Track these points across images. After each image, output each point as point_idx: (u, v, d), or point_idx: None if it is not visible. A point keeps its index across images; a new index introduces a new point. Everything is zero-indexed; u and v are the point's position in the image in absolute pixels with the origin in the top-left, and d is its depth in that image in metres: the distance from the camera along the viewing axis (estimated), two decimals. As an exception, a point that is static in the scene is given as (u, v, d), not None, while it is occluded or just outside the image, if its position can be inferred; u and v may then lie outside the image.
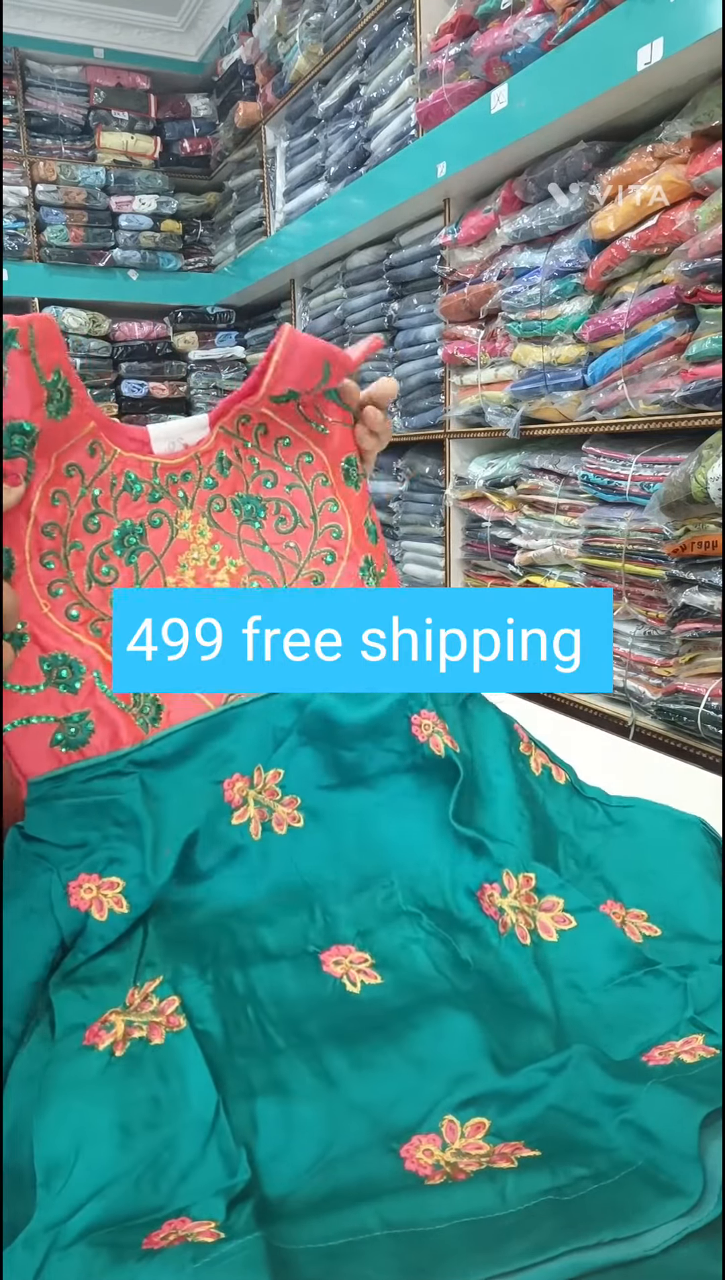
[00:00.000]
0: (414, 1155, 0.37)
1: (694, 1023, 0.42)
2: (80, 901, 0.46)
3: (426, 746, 0.53)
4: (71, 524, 0.51)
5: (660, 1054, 0.40)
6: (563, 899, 0.48)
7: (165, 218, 3.79)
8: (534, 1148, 0.36)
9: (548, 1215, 0.32)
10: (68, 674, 0.49)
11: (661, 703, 1.61)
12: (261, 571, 0.56)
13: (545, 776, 0.57)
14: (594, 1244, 0.31)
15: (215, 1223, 0.33)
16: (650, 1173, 0.33)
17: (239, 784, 0.52)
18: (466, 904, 0.50)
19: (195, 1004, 0.43)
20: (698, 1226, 0.31)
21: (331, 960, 0.48)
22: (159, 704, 0.52)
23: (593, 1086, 0.38)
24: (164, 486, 0.54)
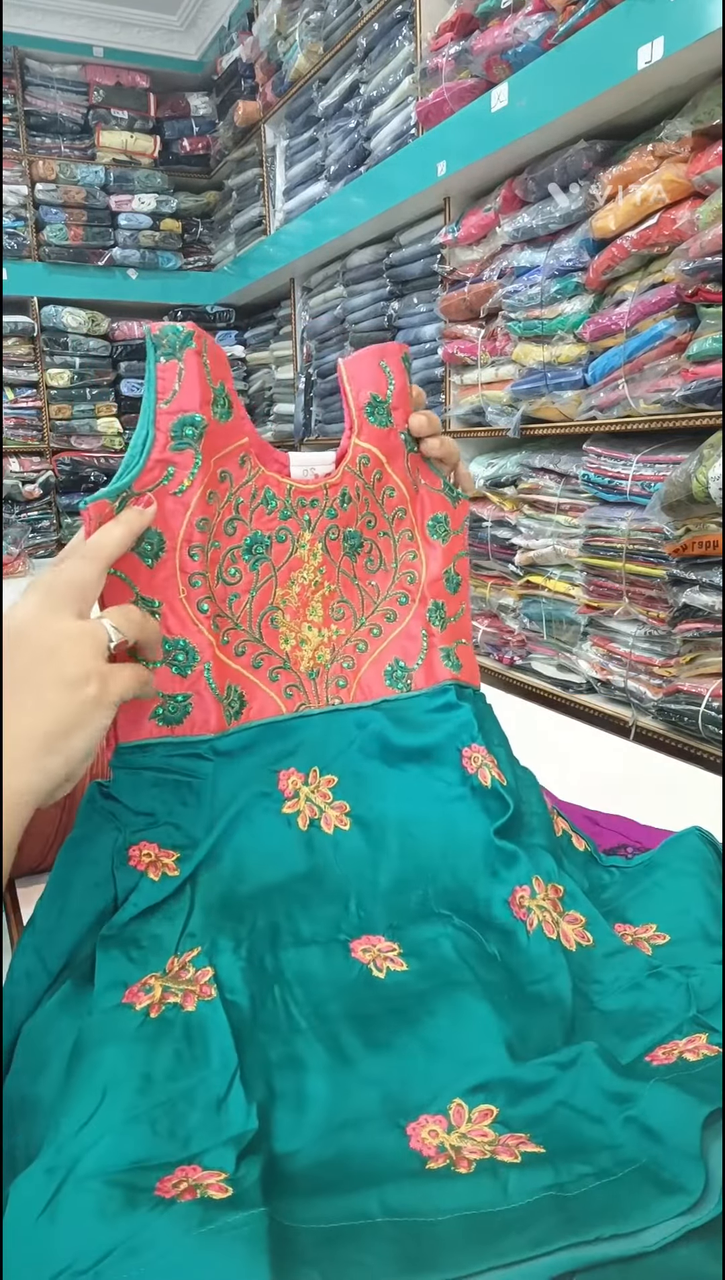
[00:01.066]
0: (419, 1135, 0.38)
1: (697, 1022, 0.43)
2: (138, 863, 0.50)
3: (475, 778, 0.57)
4: (216, 524, 0.55)
5: (664, 1053, 0.41)
6: (585, 916, 0.51)
7: (165, 217, 3.79)
8: (539, 1143, 0.37)
9: (548, 1210, 0.33)
10: (183, 659, 0.54)
11: (662, 703, 1.61)
12: (347, 601, 0.62)
13: (565, 840, 0.60)
14: (593, 1239, 0.31)
15: (224, 1174, 0.34)
16: (652, 1170, 0.34)
17: (294, 777, 0.56)
18: (499, 909, 0.52)
19: (227, 976, 0.45)
20: (698, 1224, 0.31)
21: (360, 948, 0.50)
22: (244, 699, 0.57)
23: (600, 1083, 0.38)
24: (293, 507, 0.59)
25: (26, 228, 3.56)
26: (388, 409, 0.60)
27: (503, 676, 2.16)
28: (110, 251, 3.69)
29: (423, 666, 0.62)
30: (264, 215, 3.42)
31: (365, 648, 0.62)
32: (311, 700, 0.59)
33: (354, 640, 0.62)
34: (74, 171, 3.58)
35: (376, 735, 0.59)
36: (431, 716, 0.60)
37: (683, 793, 0.75)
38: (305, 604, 0.60)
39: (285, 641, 0.59)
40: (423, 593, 0.63)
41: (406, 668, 0.62)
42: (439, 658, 0.62)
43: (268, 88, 3.17)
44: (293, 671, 0.59)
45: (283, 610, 0.59)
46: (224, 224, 3.86)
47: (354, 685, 0.61)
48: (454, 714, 0.59)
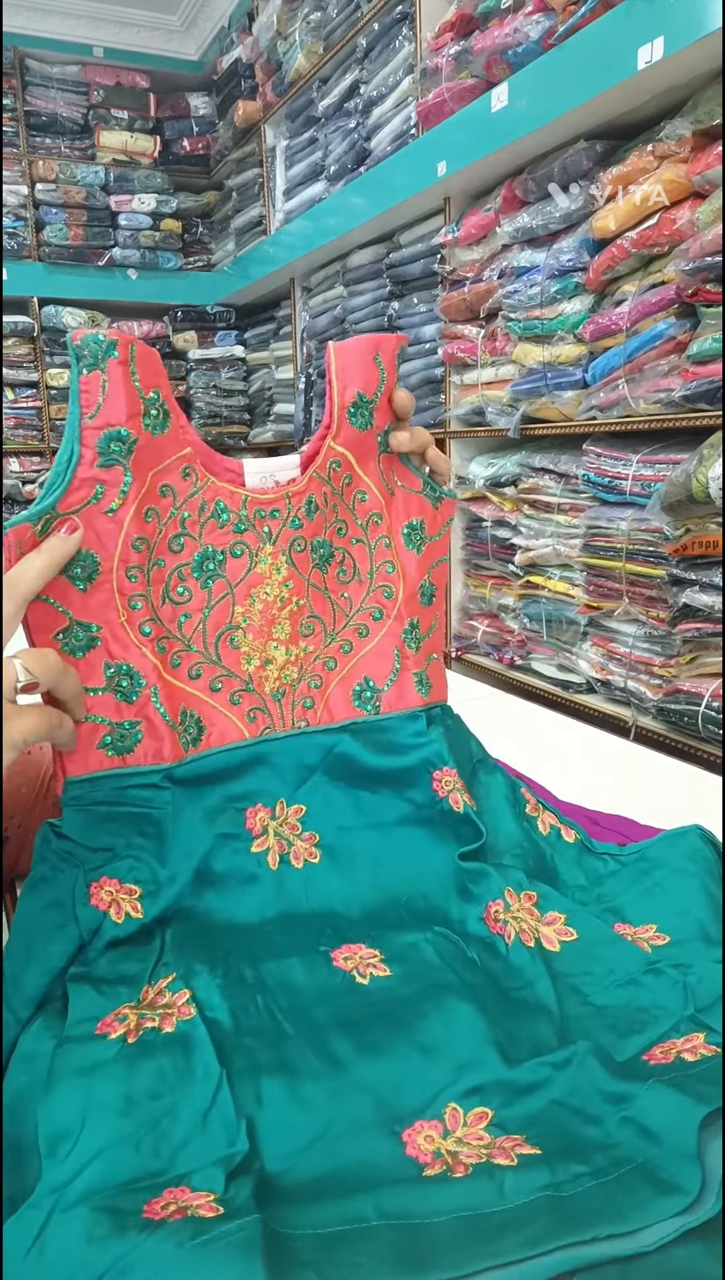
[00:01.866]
0: (415, 1140, 0.38)
1: (695, 1020, 0.42)
2: (100, 901, 0.48)
3: (445, 801, 0.56)
4: (158, 542, 0.52)
5: (662, 1052, 0.41)
6: (564, 914, 0.50)
7: (165, 217, 3.79)
8: (535, 1144, 0.36)
9: (545, 1210, 0.33)
10: (127, 684, 0.51)
11: (662, 703, 1.61)
12: (317, 615, 0.59)
13: (554, 835, 0.59)
14: (590, 1239, 0.31)
15: (214, 1195, 0.34)
16: (649, 1170, 0.34)
17: (261, 814, 0.55)
18: (475, 927, 0.51)
19: (205, 995, 0.44)
20: (695, 1224, 0.31)
21: (341, 956, 0.49)
22: (201, 725, 0.54)
23: (595, 1083, 0.38)
24: (250, 519, 0.56)
25: (26, 228, 3.56)
26: (371, 410, 0.56)
27: (503, 676, 2.16)
28: (110, 251, 3.69)
29: (393, 688, 0.59)
30: (264, 215, 3.42)
31: (334, 665, 0.59)
32: (276, 723, 0.56)
33: (323, 657, 0.59)
34: (74, 171, 3.58)
35: (343, 757, 0.57)
36: (403, 741, 0.58)
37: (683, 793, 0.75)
38: (271, 622, 0.56)
39: (247, 662, 0.56)
40: (399, 610, 0.59)
41: (376, 688, 0.59)
42: (412, 682, 0.59)
43: (268, 88, 3.17)
44: (256, 694, 0.56)
45: (244, 630, 0.55)
46: (224, 224, 3.86)
47: (321, 705, 0.58)
48: (425, 740, 0.57)
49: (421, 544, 0.60)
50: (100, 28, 3.63)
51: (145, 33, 3.75)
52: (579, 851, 0.59)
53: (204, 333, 3.92)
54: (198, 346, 3.89)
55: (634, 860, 0.57)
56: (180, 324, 3.86)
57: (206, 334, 3.92)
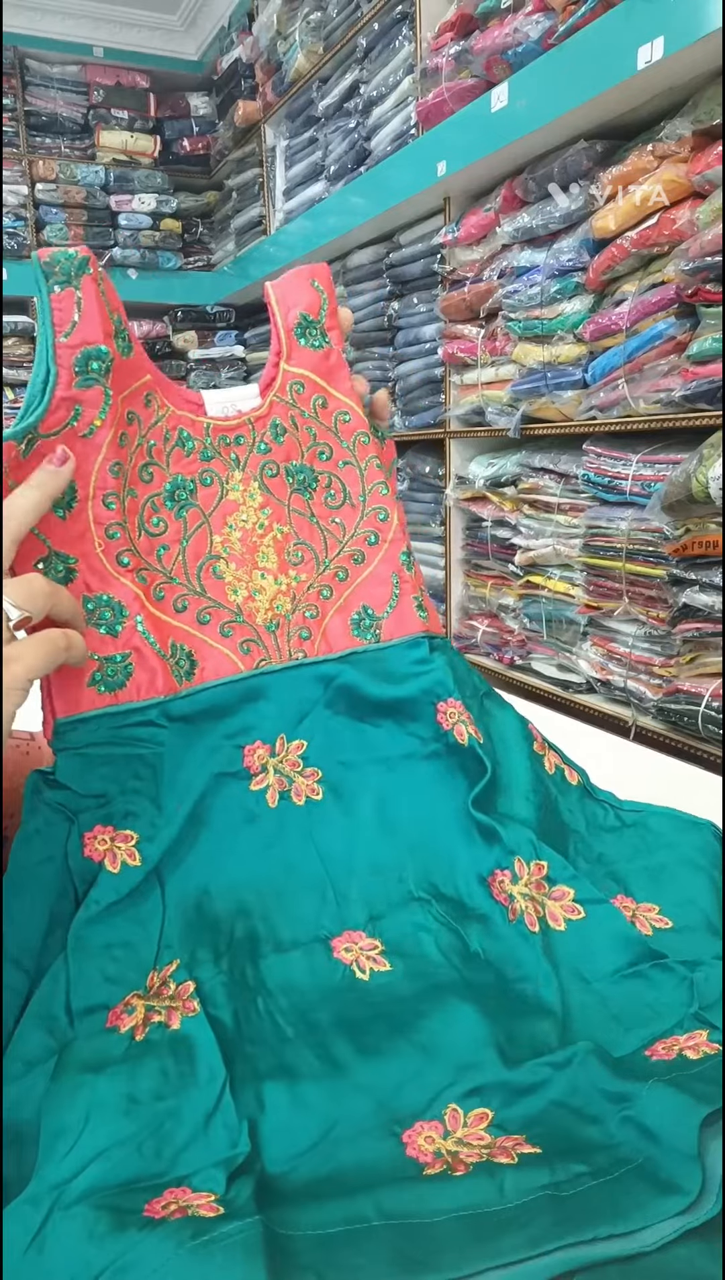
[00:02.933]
0: (416, 1141, 0.38)
1: (699, 1018, 0.42)
2: (94, 852, 0.46)
3: (450, 734, 0.54)
4: (129, 470, 0.51)
5: (664, 1048, 0.40)
6: (573, 889, 0.49)
7: (165, 216, 3.79)
8: (535, 1144, 0.36)
9: (545, 1210, 0.32)
10: (110, 615, 0.49)
11: (662, 703, 1.61)
12: (306, 542, 0.57)
13: (558, 776, 0.58)
14: (590, 1239, 0.31)
15: (215, 1195, 0.34)
16: (649, 1170, 0.34)
17: (260, 751, 0.53)
18: (477, 890, 0.50)
19: (210, 990, 0.44)
20: (695, 1224, 0.31)
21: (342, 947, 0.48)
22: (193, 659, 0.52)
23: (596, 1083, 0.38)
24: (215, 447, 0.54)
25: (26, 228, 3.56)
26: (321, 329, 0.56)
27: (503, 676, 2.16)
28: (110, 251, 3.69)
29: (393, 615, 0.57)
30: (264, 215, 3.42)
31: (330, 594, 0.57)
32: (272, 655, 0.54)
33: (317, 586, 0.57)
34: (74, 171, 3.58)
35: (345, 689, 0.55)
36: (404, 669, 0.56)
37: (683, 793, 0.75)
38: (252, 550, 0.55)
39: (234, 593, 0.54)
40: (395, 533, 0.58)
41: (375, 616, 0.57)
42: (411, 607, 0.57)
43: (268, 88, 3.17)
44: (248, 625, 0.54)
45: (226, 559, 0.54)
46: (224, 224, 3.85)
47: (319, 636, 0.56)
48: (428, 668, 0.56)
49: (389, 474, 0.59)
50: (100, 28, 3.63)
51: (145, 33, 3.74)
52: (581, 795, 0.58)
53: (204, 333, 3.91)
54: (198, 346, 3.89)
55: (634, 823, 0.57)
56: (180, 324, 3.86)
57: (206, 334, 3.92)
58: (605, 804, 0.58)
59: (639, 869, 0.54)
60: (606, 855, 0.55)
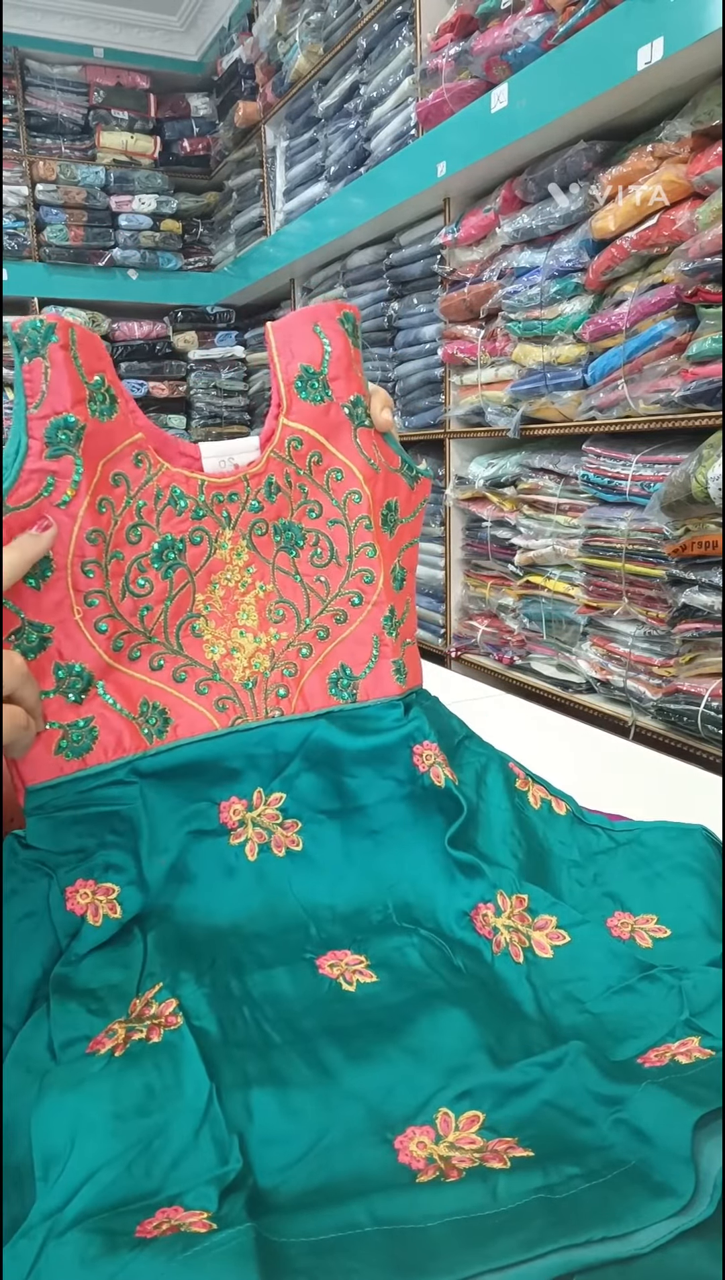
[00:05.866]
0: (407, 1147, 0.38)
1: (690, 1025, 0.42)
2: (76, 906, 0.47)
3: (426, 777, 0.54)
4: (115, 533, 0.50)
5: (656, 1055, 0.40)
6: (555, 916, 0.49)
7: (165, 217, 3.79)
8: (527, 1146, 0.36)
9: (538, 1213, 0.32)
10: (78, 684, 0.49)
11: (661, 703, 1.61)
12: (288, 601, 0.57)
13: (545, 810, 0.58)
14: (583, 1242, 0.31)
15: (207, 1213, 0.33)
16: (643, 1172, 0.34)
17: (236, 806, 0.53)
18: (459, 926, 0.50)
19: (192, 1004, 0.43)
20: (690, 1226, 0.31)
21: (327, 964, 0.48)
22: (167, 717, 0.52)
23: (588, 1085, 0.38)
24: (209, 505, 0.54)
25: (27, 228, 3.56)
26: (324, 380, 0.55)
27: (503, 676, 2.16)
28: (110, 252, 3.69)
29: (370, 676, 0.57)
30: (264, 216, 3.42)
31: (309, 652, 0.57)
32: (248, 713, 0.54)
33: (297, 644, 0.57)
34: (74, 172, 3.58)
35: (321, 744, 0.55)
36: (379, 724, 0.56)
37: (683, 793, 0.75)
38: (233, 608, 0.55)
39: (212, 650, 0.54)
40: (379, 595, 0.57)
41: (353, 676, 0.57)
42: (389, 670, 0.57)
43: (268, 88, 3.17)
44: (225, 683, 0.54)
45: (206, 617, 0.54)
46: (224, 224, 3.86)
47: (296, 694, 0.56)
48: (403, 722, 0.56)
49: (394, 526, 0.58)
50: (100, 28, 3.63)
51: (145, 33, 3.74)
52: (571, 824, 0.58)
53: (204, 333, 3.91)
54: (198, 347, 3.89)
55: (628, 841, 0.57)
56: (180, 324, 3.86)
57: (207, 334, 3.92)
58: (597, 828, 0.58)
59: (635, 881, 0.54)
60: (603, 874, 0.55)
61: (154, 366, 3.81)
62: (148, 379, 3.80)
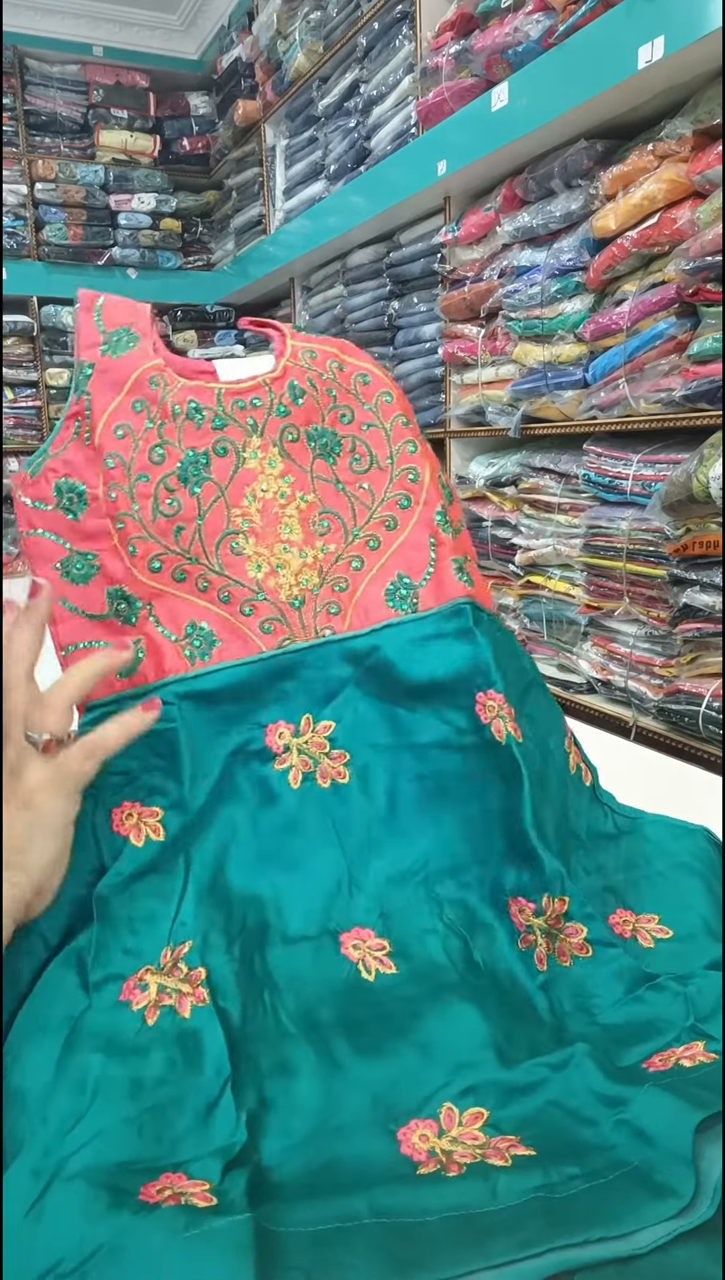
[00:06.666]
0: (410, 1140, 0.38)
1: (695, 1030, 0.42)
2: (121, 828, 0.47)
3: (488, 729, 0.51)
4: (137, 457, 0.51)
5: (661, 1060, 0.41)
6: (586, 929, 0.48)
7: (164, 216, 3.78)
8: (529, 1145, 0.36)
9: (537, 1212, 0.32)
10: (125, 607, 0.50)
11: (662, 703, 1.61)
12: (332, 511, 0.54)
13: (577, 775, 0.57)
14: (582, 1241, 0.31)
15: (209, 1184, 0.34)
16: (644, 1173, 0.34)
17: (282, 730, 0.52)
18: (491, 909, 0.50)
19: (221, 979, 0.44)
20: (689, 1227, 0.31)
21: (350, 943, 0.48)
22: (214, 639, 0.51)
23: (592, 1086, 0.38)
24: (230, 413, 0.53)
25: (26, 227, 3.56)
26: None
27: (503, 676, 2.16)
28: (110, 251, 3.68)
29: (431, 582, 0.54)
30: (264, 215, 3.41)
31: (362, 565, 0.54)
32: (297, 633, 0.52)
33: (347, 558, 0.54)
34: (74, 171, 3.57)
35: (378, 669, 0.52)
36: (444, 646, 0.52)
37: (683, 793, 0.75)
38: (274, 522, 0.53)
39: (255, 569, 0.52)
40: (427, 494, 0.55)
41: (412, 584, 0.54)
42: (450, 570, 0.54)
43: (268, 87, 3.16)
44: (270, 602, 0.52)
45: (245, 534, 0.52)
46: (224, 223, 3.85)
47: (350, 610, 0.53)
48: (470, 647, 0.52)
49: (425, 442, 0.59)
50: (100, 27, 3.62)
51: (145, 32, 3.74)
52: (591, 797, 0.58)
53: (204, 332, 3.91)
54: (198, 346, 3.88)
55: (630, 830, 0.56)
56: (180, 324, 3.86)
57: (206, 334, 3.92)
58: (607, 807, 0.58)
59: (637, 879, 0.53)
60: (605, 866, 0.54)
61: (154, 366, 3.80)
62: (147, 378, 3.79)
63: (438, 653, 0.52)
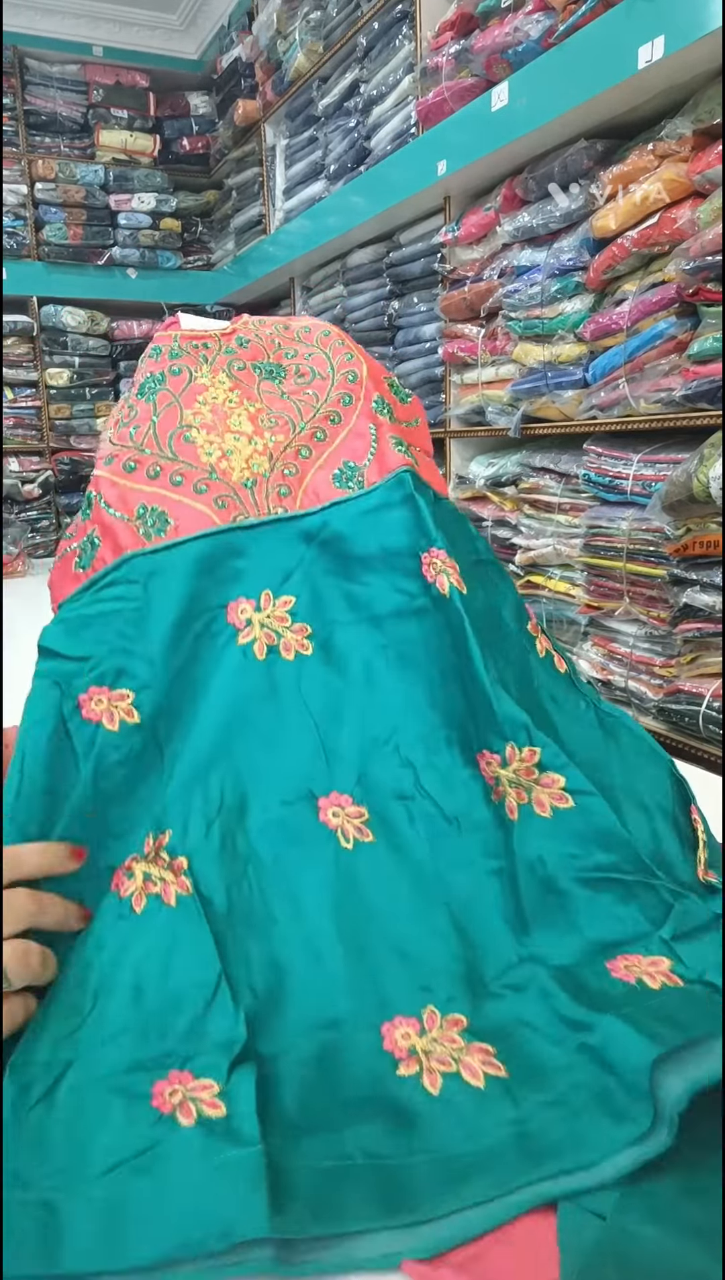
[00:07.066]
0: (393, 1036, 0.40)
1: (667, 945, 0.42)
2: (92, 714, 0.48)
3: (433, 586, 0.52)
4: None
5: (625, 966, 0.41)
6: (564, 778, 0.47)
7: (164, 216, 3.78)
8: (502, 1061, 0.38)
9: (509, 1148, 0.35)
10: (87, 507, 0.55)
11: (663, 703, 1.61)
12: (279, 413, 0.60)
13: (548, 661, 0.58)
14: (553, 1174, 0.33)
15: (217, 1087, 0.36)
16: (605, 1099, 0.35)
17: (244, 606, 0.53)
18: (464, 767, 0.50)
19: (202, 867, 0.45)
20: (651, 1156, 0.33)
21: (329, 810, 0.49)
22: (166, 519, 0.53)
23: (557, 1009, 0.40)
24: (184, 349, 0.62)
25: (26, 227, 3.56)
26: None
27: (503, 676, 2.16)
28: (110, 251, 3.68)
29: (374, 460, 0.57)
30: (264, 214, 3.41)
31: (309, 453, 0.58)
32: (250, 510, 0.55)
33: (295, 446, 0.58)
34: (73, 171, 3.57)
35: (330, 544, 0.54)
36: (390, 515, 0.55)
37: (684, 793, 0.75)
38: (223, 418, 0.58)
39: (206, 454, 0.56)
40: (366, 389, 0.61)
41: (356, 467, 0.57)
42: (390, 444, 0.57)
43: (268, 87, 3.16)
44: (222, 482, 0.55)
45: (197, 427, 0.57)
46: (224, 223, 3.85)
47: (300, 493, 0.56)
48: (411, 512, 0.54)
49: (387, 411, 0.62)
50: (100, 27, 3.62)
51: (145, 32, 3.74)
52: (567, 685, 0.58)
53: (204, 332, 3.91)
54: (197, 346, 3.88)
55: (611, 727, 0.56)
56: (180, 323, 3.86)
57: (206, 333, 3.91)
58: (587, 699, 0.58)
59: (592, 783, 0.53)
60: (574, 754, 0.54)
61: (154, 365, 3.80)
62: (147, 378, 3.79)
63: (385, 522, 0.55)
